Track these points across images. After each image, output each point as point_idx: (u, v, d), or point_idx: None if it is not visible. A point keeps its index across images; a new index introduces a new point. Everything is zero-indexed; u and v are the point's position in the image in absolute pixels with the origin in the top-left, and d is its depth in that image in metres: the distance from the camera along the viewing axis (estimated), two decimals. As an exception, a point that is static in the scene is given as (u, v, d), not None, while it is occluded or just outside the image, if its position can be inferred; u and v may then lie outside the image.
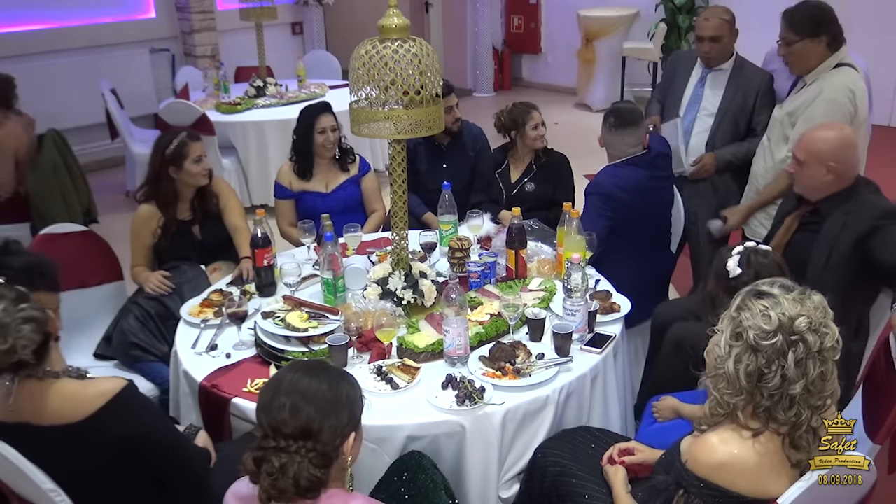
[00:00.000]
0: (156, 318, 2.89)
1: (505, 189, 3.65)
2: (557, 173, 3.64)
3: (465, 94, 9.04)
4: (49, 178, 4.30)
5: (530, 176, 3.62)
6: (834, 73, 3.01)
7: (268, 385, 1.56)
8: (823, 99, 2.96)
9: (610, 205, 2.98)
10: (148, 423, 1.84)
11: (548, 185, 3.61)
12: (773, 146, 3.14)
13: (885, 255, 2.38)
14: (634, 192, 3.01)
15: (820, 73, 3.03)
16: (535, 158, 3.64)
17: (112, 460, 1.81)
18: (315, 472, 1.46)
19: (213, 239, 3.16)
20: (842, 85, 2.98)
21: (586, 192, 3.07)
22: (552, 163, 3.65)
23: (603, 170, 3.11)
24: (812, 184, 2.61)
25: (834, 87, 2.97)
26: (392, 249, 2.65)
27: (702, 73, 3.59)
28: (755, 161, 3.30)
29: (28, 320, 1.72)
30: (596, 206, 2.99)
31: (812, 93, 3.01)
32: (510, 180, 3.66)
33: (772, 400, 1.56)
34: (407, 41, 2.28)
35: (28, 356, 1.73)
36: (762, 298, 1.58)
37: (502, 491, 2.16)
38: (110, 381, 1.82)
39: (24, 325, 1.72)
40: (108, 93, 5.50)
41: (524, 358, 2.28)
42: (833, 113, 2.94)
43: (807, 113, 2.98)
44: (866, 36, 6.77)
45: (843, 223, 2.50)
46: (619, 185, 3.00)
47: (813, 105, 2.98)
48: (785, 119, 3.07)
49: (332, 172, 3.53)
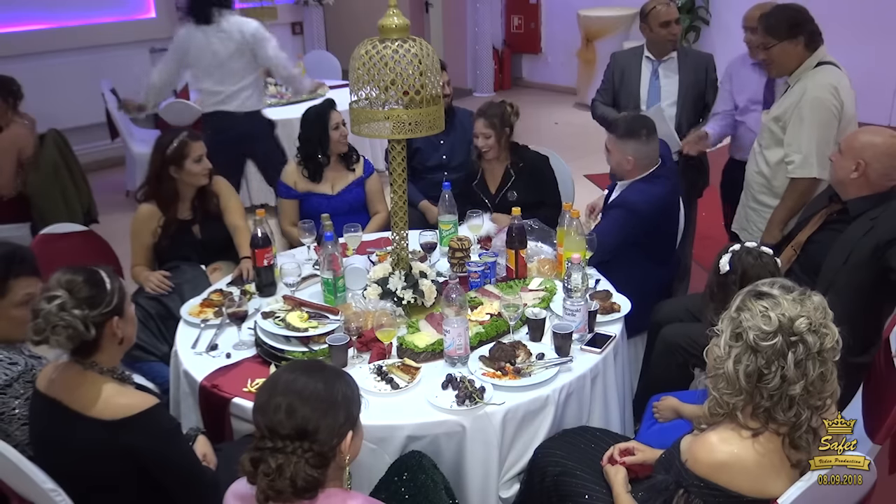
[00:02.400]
0: (156, 318, 2.89)
1: (487, 200, 3.48)
2: (538, 176, 3.49)
3: (466, 94, 9.04)
4: (49, 178, 4.30)
5: (510, 184, 3.46)
6: (816, 72, 3.03)
7: (264, 385, 1.56)
8: (808, 98, 2.98)
9: (634, 220, 2.93)
10: (162, 445, 1.85)
11: (530, 190, 3.44)
12: (765, 151, 3.16)
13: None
14: (658, 207, 2.99)
15: (802, 74, 3.05)
16: (512, 164, 3.45)
17: (119, 464, 1.82)
18: (312, 473, 1.45)
19: (214, 239, 3.16)
20: (825, 82, 2.99)
21: (614, 203, 3.02)
22: (530, 166, 3.47)
23: (631, 185, 3.02)
24: (840, 176, 2.63)
25: (817, 85, 2.99)
26: (392, 249, 2.65)
27: (652, 67, 3.75)
28: (748, 162, 3.34)
29: (68, 327, 1.77)
30: (620, 219, 2.94)
31: (797, 94, 3.03)
32: (489, 190, 3.50)
33: (771, 400, 1.56)
34: (407, 41, 2.29)
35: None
36: (762, 299, 1.58)
37: (502, 491, 2.16)
38: (142, 398, 1.86)
39: (64, 329, 1.77)
40: (108, 93, 5.50)
41: (524, 358, 2.28)
42: (820, 110, 2.95)
43: (795, 114, 3.00)
44: (867, 36, 6.80)
45: (867, 228, 2.50)
46: (647, 201, 2.95)
47: (800, 105, 2.99)
48: (773, 124, 3.10)
49: (338, 174, 3.53)
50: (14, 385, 2.01)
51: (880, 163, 2.54)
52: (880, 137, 2.58)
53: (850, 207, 2.63)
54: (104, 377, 1.85)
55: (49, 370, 1.91)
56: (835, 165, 2.67)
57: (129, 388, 1.90)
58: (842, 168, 2.62)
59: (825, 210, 2.75)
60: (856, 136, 2.63)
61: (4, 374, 2.01)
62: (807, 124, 2.95)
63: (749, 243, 2.35)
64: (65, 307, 1.77)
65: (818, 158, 2.95)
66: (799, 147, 2.98)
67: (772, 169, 3.15)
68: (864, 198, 2.59)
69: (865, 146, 2.57)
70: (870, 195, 2.58)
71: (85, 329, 1.79)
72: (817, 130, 2.95)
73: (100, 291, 1.83)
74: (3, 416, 1.99)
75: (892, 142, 2.56)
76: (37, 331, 1.79)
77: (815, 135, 2.95)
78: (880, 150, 2.55)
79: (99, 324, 1.82)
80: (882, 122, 6.75)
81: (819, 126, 2.95)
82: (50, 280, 1.84)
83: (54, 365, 1.91)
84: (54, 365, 1.91)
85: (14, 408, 2.00)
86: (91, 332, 1.81)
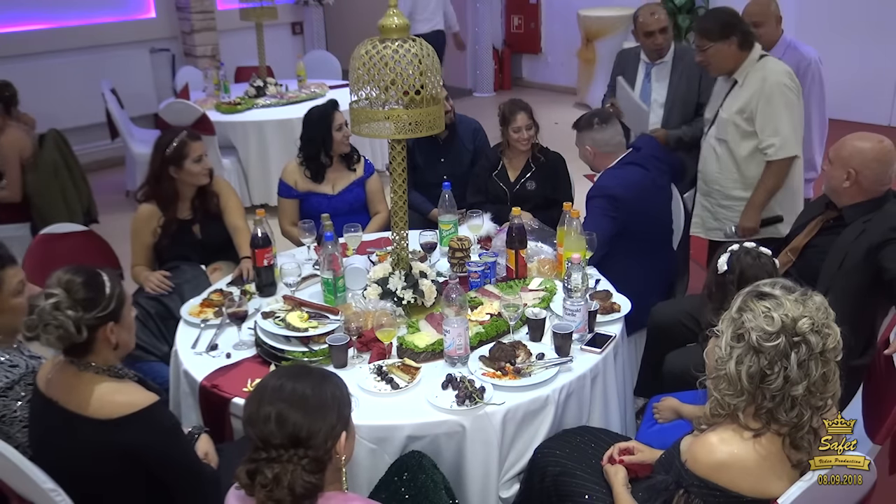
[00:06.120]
0: (156, 318, 2.89)
1: (506, 188, 3.64)
2: (556, 172, 3.64)
3: (465, 94, 9.04)
4: (49, 178, 4.30)
5: (530, 174, 3.62)
6: (765, 62, 3.18)
7: (252, 396, 1.53)
8: (772, 84, 3.10)
9: (614, 205, 2.97)
10: (163, 442, 1.84)
11: (547, 184, 3.61)
12: (732, 146, 3.23)
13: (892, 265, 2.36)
14: (636, 190, 3.03)
15: (748, 67, 3.18)
16: (533, 158, 3.64)
17: (119, 463, 1.81)
18: (310, 479, 1.44)
19: (214, 239, 3.16)
20: (780, 69, 3.16)
21: (589, 196, 3.07)
22: (550, 162, 3.65)
23: (603, 174, 3.14)
24: (832, 185, 2.65)
25: (775, 72, 3.14)
26: (392, 249, 2.65)
27: (646, 69, 3.83)
28: (707, 166, 3.38)
29: (59, 327, 1.77)
30: (601, 208, 2.98)
31: (755, 84, 3.14)
32: (509, 179, 3.66)
33: (774, 401, 1.55)
34: (407, 41, 2.28)
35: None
36: (764, 300, 1.58)
37: (502, 491, 2.16)
38: (142, 395, 1.85)
39: (55, 329, 1.77)
40: (108, 93, 5.50)
41: (524, 358, 2.28)
42: (787, 93, 3.10)
43: (763, 101, 3.11)
44: (867, 36, 6.80)
45: (860, 231, 2.51)
46: (621, 185, 3.01)
47: (764, 92, 3.11)
48: (737, 118, 3.17)
49: (339, 174, 3.52)
50: (15, 387, 2.01)
51: (870, 169, 2.54)
52: (868, 143, 2.57)
53: (845, 215, 2.63)
54: (100, 376, 1.84)
55: (48, 368, 1.91)
56: (826, 175, 2.68)
57: (128, 385, 1.89)
58: (833, 178, 2.62)
59: (821, 217, 2.75)
60: (843, 145, 2.62)
61: (6, 376, 2.01)
62: (779, 107, 3.09)
63: (748, 243, 2.35)
64: (59, 307, 1.77)
65: (796, 137, 3.11)
66: (775, 130, 3.09)
67: (743, 162, 3.23)
68: (859, 204, 2.59)
69: (853, 154, 2.56)
70: (864, 201, 2.58)
71: (76, 331, 1.78)
72: (789, 111, 3.11)
73: (97, 295, 1.82)
74: (5, 419, 1.98)
75: (879, 147, 2.56)
76: (29, 326, 1.79)
77: (788, 116, 3.10)
78: (869, 157, 2.54)
79: (92, 327, 1.81)
80: (882, 122, 6.76)
81: (789, 107, 3.11)
82: (52, 277, 1.83)
83: (52, 363, 1.91)
84: (52, 363, 1.91)
85: (15, 410, 1.99)
86: (82, 334, 1.79)
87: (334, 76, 6.67)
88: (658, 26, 3.68)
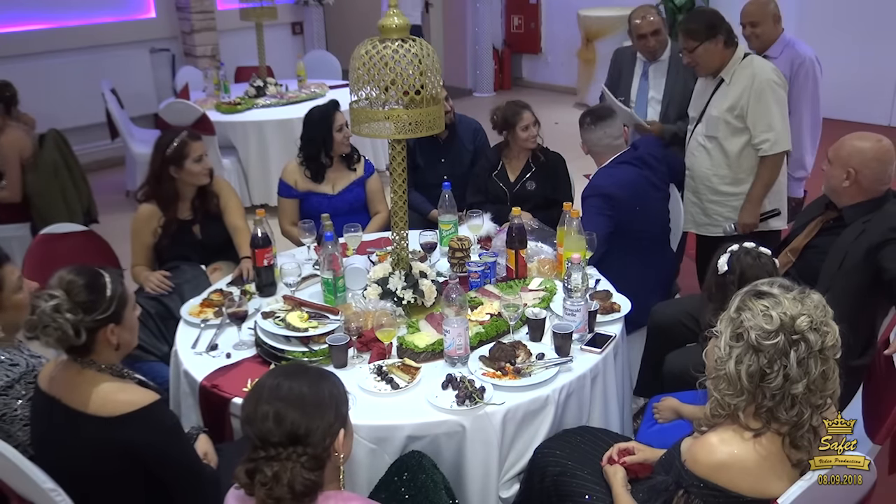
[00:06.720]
0: (156, 318, 2.89)
1: (506, 188, 3.64)
2: (556, 172, 3.65)
3: (465, 94, 9.04)
4: (49, 178, 4.30)
5: (530, 174, 3.63)
6: (751, 60, 3.25)
7: (249, 395, 1.53)
8: (761, 81, 3.16)
9: (609, 203, 2.99)
10: (163, 441, 1.84)
11: (547, 183, 3.62)
12: (723, 143, 3.28)
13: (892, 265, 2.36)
14: (631, 189, 3.04)
15: (734, 67, 3.24)
16: (533, 157, 3.64)
17: (119, 461, 1.82)
18: (309, 476, 1.44)
19: (214, 239, 3.16)
20: (767, 67, 3.23)
21: (584, 195, 3.09)
22: (550, 162, 3.66)
23: (597, 173, 3.17)
24: (832, 185, 2.65)
25: (763, 69, 3.21)
26: (392, 249, 2.65)
27: (643, 67, 3.87)
28: (696, 163, 3.42)
29: (58, 329, 1.77)
30: (596, 207, 3.00)
31: (744, 82, 3.19)
32: (509, 180, 3.66)
33: (774, 400, 1.55)
34: (407, 41, 2.28)
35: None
36: (762, 298, 1.58)
37: (502, 491, 2.16)
38: (143, 394, 1.85)
39: (54, 331, 1.77)
40: (108, 93, 5.50)
41: (524, 358, 2.28)
42: (776, 89, 3.18)
43: (753, 98, 3.16)
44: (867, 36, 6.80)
45: (860, 231, 2.51)
46: (615, 184, 3.03)
47: (755, 90, 3.16)
48: (727, 115, 3.23)
49: (339, 174, 3.52)
50: (16, 386, 2.01)
51: (870, 168, 2.54)
52: (867, 143, 2.57)
53: (845, 216, 2.63)
54: (102, 374, 1.85)
55: (50, 368, 1.91)
56: (826, 175, 2.68)
57: (129, 385, 1.90)
58: (833, 177, 2.62)
59: (821, 217, 2.75)
60: (842, 145, 2.62)
61: (6, 375, 2.01)
62: (770, 104, 3.15)
63: (747, 243, 2.35)
64: (59, 309, 1.77)
65: (786, 131, 3.21)
66: (769, 126, 3.16)
67: (735, 158, 3.28)
68: (859, 204, 2.59)
69: (853, 154, 2.56)
70: (864, 201, 2.58)
71: (74, 334, 1.78)
72: (780, 107, 3.19)
73: (98, 297, 1.81)
74: (5, 417, 1.98)
75: (878, 146, 2.56)
76: (30, 327, 1.79)
77: (779, 111, 3.17)
78: (868, 156, 2.54)
79: (92, 329, 1.81)
80: (882, 122, 6.76)
81: (779, 103, 3.19)
82: (54, 277, 1.83)
83: (55, 362, 1.91)
84: (55, 362, 1.91)
85: (16, 409, 2.00)
86: (81, 337, 1.79)
87: (334, 76, 6.67)
88: (650, 29, 3.70)
